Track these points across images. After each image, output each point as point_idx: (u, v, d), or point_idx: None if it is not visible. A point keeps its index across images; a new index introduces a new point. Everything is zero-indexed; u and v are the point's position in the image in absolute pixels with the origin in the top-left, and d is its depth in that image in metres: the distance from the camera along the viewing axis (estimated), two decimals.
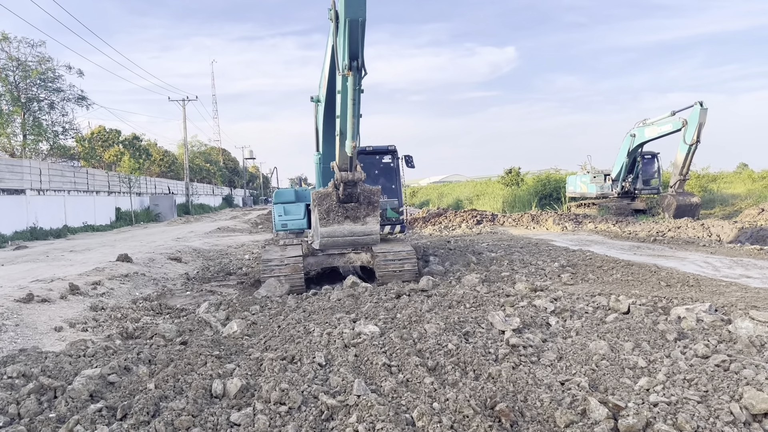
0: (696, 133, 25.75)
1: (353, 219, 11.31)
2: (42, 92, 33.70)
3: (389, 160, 15.34)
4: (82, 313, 10.51)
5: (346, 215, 11.29)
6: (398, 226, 14.78)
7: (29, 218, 28.11)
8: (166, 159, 61.99)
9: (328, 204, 11.30)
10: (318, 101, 14.16)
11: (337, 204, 11.29)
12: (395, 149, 15.30)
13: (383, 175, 15.36)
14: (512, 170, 46.92)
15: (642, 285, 10.87)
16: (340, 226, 11.28)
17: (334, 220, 11.25)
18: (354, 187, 11.01)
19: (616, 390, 4.98)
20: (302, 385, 5.27)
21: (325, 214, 11.26)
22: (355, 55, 9.44)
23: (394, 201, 14.86)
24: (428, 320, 7.63)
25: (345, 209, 11.30)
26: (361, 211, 11.34)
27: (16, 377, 5.55)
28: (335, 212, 11.30)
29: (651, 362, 5.74)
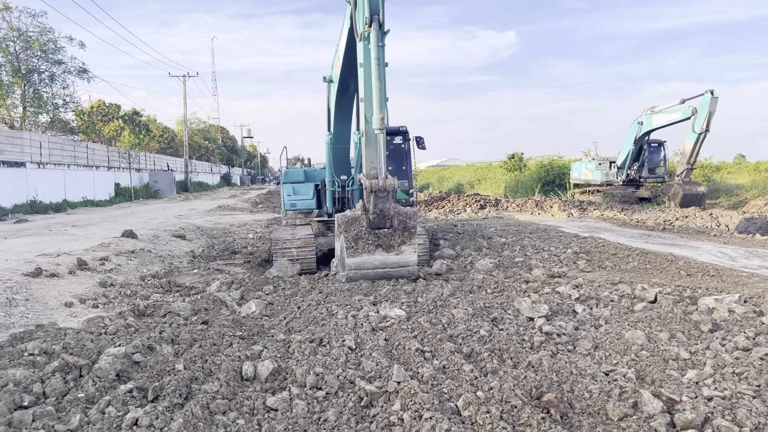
0: (706, 121, 25.55)
1: (386, 248, 9.69)
2: (43, 64, 33.20)
3: (400, 141, 15.00)
4: (92, 289, 10.30)
5: (378, 243, 9.67)
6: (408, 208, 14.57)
7: (29, 191, 27.77)
8: (165, 135, 61.46)
9: (357, 230, 9.61)
10: (331, 81, 13.86)
11: (367, 230, 9.62)
12: (407, 130, 14.98)
13: (394, 156, 15.05)
14: (515, 155, 46.66)
15: (661, 274, 10.71)
16: (371, 257, 9.65)
17: (363, 249, 9.61)
18: (386, 200, 9.52)
19: (664, 382, 4.81)
20: (336, 370, 5.09)
21: (353, 243, 9.59)
22: (376, 8, 9.05)
23: (404, 183, 14.59)
24: (455, 305, 7.45)
25: (377, 236, 9.65)
26: (395, 239, 9.71)
27: (37, 354, 5.35)
28: (365, 240, 9.62)
29: (693, 354, 5.58)
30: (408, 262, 9.76)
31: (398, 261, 9.74)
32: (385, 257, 9.70)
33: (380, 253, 9.69)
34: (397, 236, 9.73)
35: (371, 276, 9.82)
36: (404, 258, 9.73)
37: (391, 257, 9.72)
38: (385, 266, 9.75)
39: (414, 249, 9.75)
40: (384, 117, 9.25)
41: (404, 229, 9.75)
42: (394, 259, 9.72)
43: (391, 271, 9.84)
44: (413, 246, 9.76)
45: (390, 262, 9.73)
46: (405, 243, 9.74)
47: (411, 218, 9.82)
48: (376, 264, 9.70)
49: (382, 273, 9.82)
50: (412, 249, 9.74)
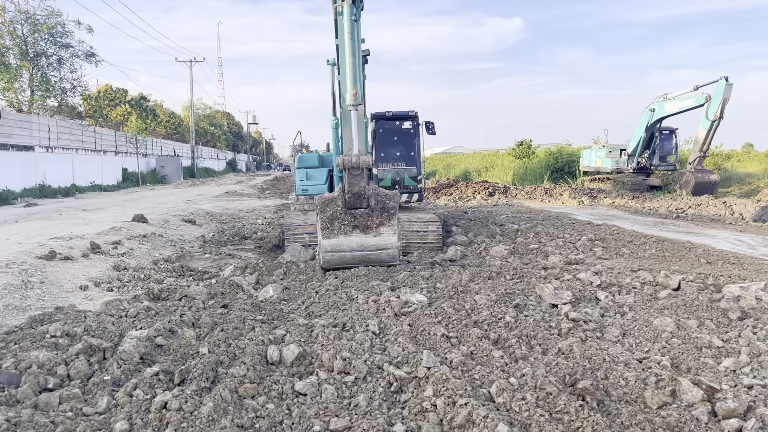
0: (720, 109, 25.24)
1: (363, 229, 9.22)
2: (50, 47, 33.04)
3: (409, 126, 14.68)
4: (106, 273, 10.25)
5: (355, 224, 9.23)
6: (416, 194, 14.30)
7: (38, 175, 27.75)
8: (172, 121, 61.31)
9: (333, 210, 9.23)
10: (334, 64, 13.71)
11: (343, 211, 9.23)
12: (416, 115, 14.54)
13: (402, 141, 14.76)
14: (523, 142, 46.34)
15: (681, 261, 10.58)
16: (347, 238, 9.18)
17: (339, 230, 9.22)
18: (361, 178, 9.08)
19: (700, 370, 4.71)
20: (363, 355, 5.00)
21: (328, 223, 9.21)
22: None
23: (412, 169, 14.27)
24: (476, 291, 7.35)
25: (353, 217, 9.23)
26: (373, 219, 9.24)
27: (59, 336, 5.27)
28: (341, 221, 9.23)
29: (726, 342, 5.46)
30: (387, 245, 9.21)
31: (377, 243, 9.20)
32: (362, 239, 9.20)
33: (357, 234, 9.21)
34: (375, 217, 9.26)
35: (348, 260, 9.29)
36: (383, 240, 9.19)
37: (369, 239, 9.20)
38: (362, 248, 9.21)
39: (393, 231, 9.25)
40: (357, 93, 8.91)
41: (383, 209, 9.27)
42: (372, 241, 9.20)
43: (370, 254, 9.27)
44: (393, 227, 9.26)
45: (368, 245, 9.20)
46: (384, 224, 9.25)
47: (390, 199, 9.34)
48: (353, 246, 9.19)
49: (360, 257, 9.27)
50: (392, 231, 9.24)
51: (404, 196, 14.12)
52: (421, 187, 14.31)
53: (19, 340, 5.28)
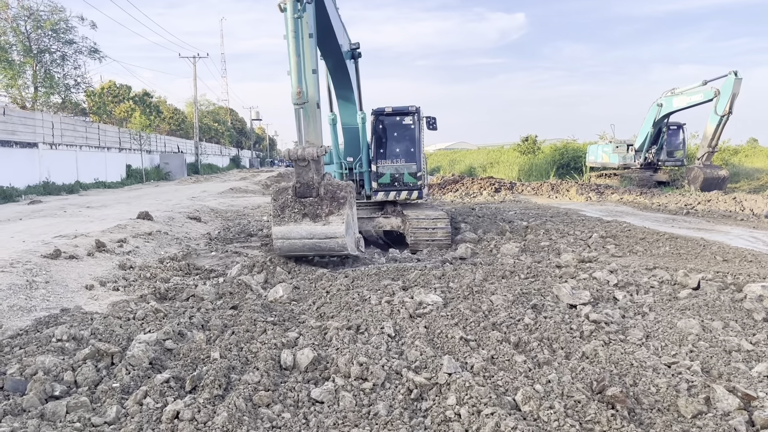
0: (729, 103, 24.95)
1: (312, 217, 9.30)
2: (54, 44, 32.83)
3: (410, 121, 14.09)
4: (111, 272, 10.10)
5: (305, 212, 9.35)
6: (415, 191, 13.85)
7: (42, 172, 27.60)
8: (176, 117, 61.15)
9: (284, 199, 9.43)
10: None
11: (293, 199, 9.40)
12: (417, 110, 14.07)
13: (403, 137, 14.37)
14: (529, 138, 46.07)
15: (696, 259, 10.38)
16: (297, 226, 9.30)
17: (290, 218, 9.34)
18: (308, 169, 9.24)
19: (732, 376, 4.52)
20: (380, 359, 4.82)
21: (279, 211, 9.41)
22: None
23: (412, 165, 13.84)
24: (492, 291, 7.16)
25: (303, 205, 9.37)
26: (323, 208, 9.32)
27: (66, 340, 5.10)
28: (291, 208, 9.39)
29: (755, 345, 5.27)
30: (335, 233, 9.24)
31: (325, 232, 9.26)
32: (311, 227, 9.29)
33: (307, 222, 9.31)
34: (324, 206, 9.34)
35: (299, 247, 9.44)
36: (331, 229, 9.23)
37: (318, 227, 9.27)
38: (312, 236, 9.33)
39: (342, 220, 9.24)
40: (302, 91, 8.85)
41: (332, 198, 9.36)
42: (320, 230, 9.27)
43: (319, 243, 9.39)
44: (342, 216, 9.27)
45: (317, 233, 9.29)
46: (333, 213, 9.31)
47: (342, 189, 9.43)
48: (303, 234, 9.32)
49: (310, 244, 9.40)
50: (341, 220, 9.25)
51: (403, 193, 13.79)
52: (422, 184, 13.87)
53: (25, 344, 5.11)
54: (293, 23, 8.62)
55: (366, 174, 13.71)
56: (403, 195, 13.82)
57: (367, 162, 13.65)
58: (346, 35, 12.28)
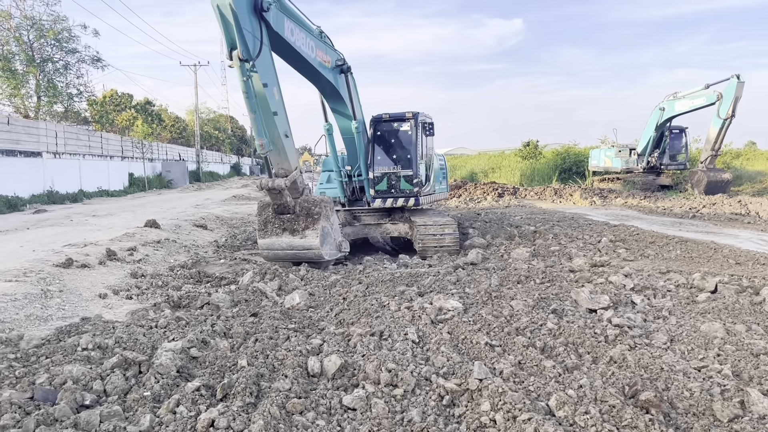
0: (732, 107, 25.05)
1: (291, 231, 10.32)
2: (57, 53, 32.87)
3: (407, 127, 13.90)
4: (124, 280, 10.10)
5: (284, 227, 10.34)
6: (412, 198, 13.57)
7: (46, 181, 27.59)
8: (177, 125, 61.19)
9: (266, 215, 10.42)
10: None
11: (273, 215, 10.37)
12: (414, 116, 13.84)
13: (400, 143, 14.19)
14: (530, 143, 46.12)
15: (709, 263, 10.37)
16: (278, 239, 10.33)
17: (272, 232, 10.35)
18: (280, 196, 10.08)
19: (763, 379, 4.50)
20: (408, 366, 4.80)
21: (263, 225, 10.45)
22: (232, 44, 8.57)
23: (408, 172, 13.59)
24: (511, 297, 7.15)
25: (282, 221, 10.35)
26: (299, 224, 10.30)
27: (91, 349, 5.09)
28: (272, 224, 10.38)
29: None
30: (311, 246, 10.26)
31: (302, 244, 10.29)
32: (291, 240, 10.30)
33: (287, 236, 10.31)
34: (300, 221, 10.32)
35: (281, 257, 10.58)
36: (307, 241, 10.23)
37: (296, 240, 10.29)
38: (292, 248, 10.37)
39: (317, 234, 10.18)
40: (263, 144, 9.34)
41: (307, 215, 10.32)
42: (298, 242, 10.30)
43: (299, 254, 10.45)
44: (316, 231, 10.20)
45: (295, 245, 10.33)
46: (308, 228, 10.26)
47: (315, 205, 10.35)
48: (284, 246, 10.36)
49: (291, 254, 10.53)
50: (315, 234, 10.20)
51: (400, 200, 13.59)
52: (418, 191, 13.57)
53: (51, 353, 5.10)
54: (243, 85, 8.68)
55: (365, 181, 13.69)
56: (400, 201, 13.63)
57: (365, 169, 13.62)
58: (331, 52, 12.13)
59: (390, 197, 13.69)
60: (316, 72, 11.54)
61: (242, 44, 8.56)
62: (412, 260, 12.08)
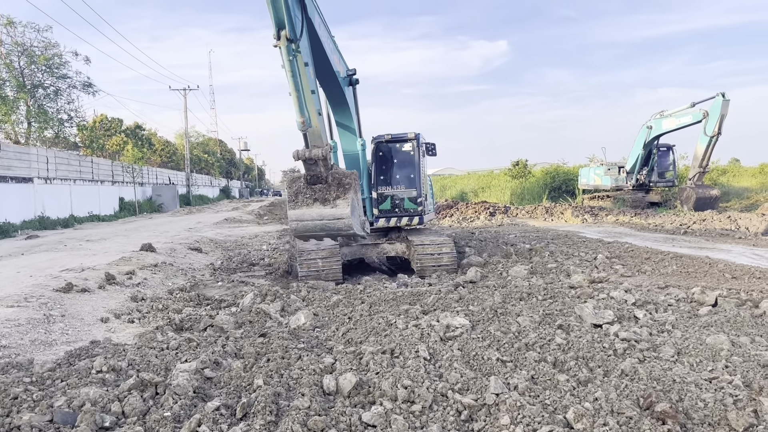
0: (718, 124, 25.45)
1: (322, 201, 10.38)
2: (48, 78, 32.91)
3: (409, 148, 14.22)
4: (124, 304, 10.06)
5: (315, 197, 10.42)
6: (416, 217, 13.87)
7: (37, 207, 27.45)
8: (167, 149, 61.18)
9: (297, 186, 10.55)
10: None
11: (305, 186, 10.50)
12: (416, 137, 14.22)
13: (403, 164, 14.45)
14: (519, 162, 46.54)
15: (706, 277, 10.51)
16: (309, 209, 10.36)
17: (302, 202, 10.39)
18: (315, 165, 10.26)
19: None
20: (424, 382, 4.84)
21: (294, 196, 10.51)
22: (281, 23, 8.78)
23: (412, 191, 13.96)
24: (517, 313, 7.22)
25: (313, 191, 10.43)
26: (330, 193, 10.40)
27: (105, 371, 5.08)
28: (303, 194, 10.46)
29: None
30: (342, 215, 10.25)
31: (333, 213, 10.27)
32: (321, 210, 10.29)
33: (317, 206, 10.30)
34: (332, 191, 10.34)
35: (311, 228, 10.46)
36: (338, 211, 10.23)
37: (327, 210, 10.28)
38: (322, 218, 10.33)
39: (348, 203, 10.23)
40: (304, 120, 9.56)
41: (339, 184, 10.37)
42: (329, 212, 10.28)
43: (329, 223, 10.40)
44: (347, 200, 10.27)
45: (326, 215, 10.30)
46: (339, 197, 10.30)
47: (346, 176, 10.48)
48: (314, 216, 10.30)
49: (321, 225, 10.42)
50: (346, 203, 10.26)
51: (404, 219, 13.85)
52: (422, 210, 13.85)
53: (65, 376, 5.09)
54: (289, 65, 8.97)
55: (367, 201, 13.78)
56: (404, 221, 13.87)
57: (368, 189, 13.74)
58: (343, 62, 12.43)
59: (394, 216, 13.85)
60: (332, 75, 11.75)
61: (290, 24, 8.79)
62: (411, 279, 12.13)
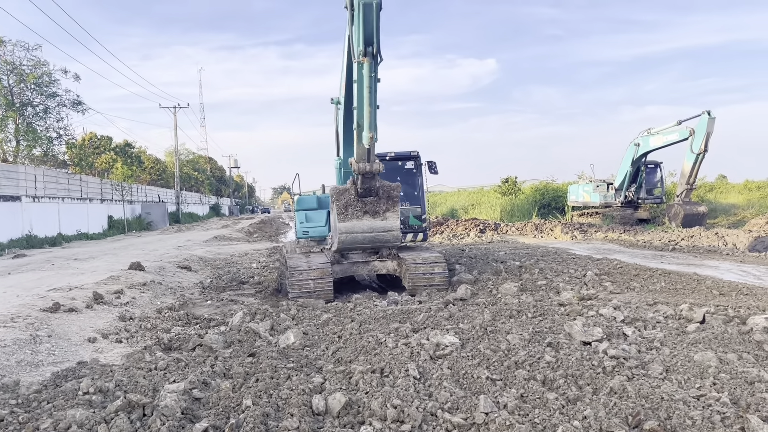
0: (704, 142, 25.77)
1: (372, 214, 10.80)
2: (37, 97, 32.85)
3: (411, 166, 14.63)
4: (112, 324, 9.98)
5: (365, 210, 10.81)
6: (420, 234, 14.26)
7: (24, 226, 27.27)
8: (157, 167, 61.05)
9: (347, 199, 10.82)
10: (338, 103, 13.57)
11: (355, 198, 10.80)
12: (418, 155, 14.64)
13: (405, 181, 14.75)
14: (509, 179, 46.82)
15: (694, 294, 10.58)
16: (359, 222, 10.78)
17: (352, 215, 10.76)
18: (372, 180, 10.58)
19: (760, 406, 4.61)
20: (413, 401, 4.83)
21: (343, 209, 10.78)
22: (370, 40, 9.18)
23: (416, 208, 14.29)
24: (507, 331, 7.23)
25: (363, 204, 10.81)
26: (380, 206, 10.84)
27: (93, 393, 5.04)
28: (354, 207, 10.81)
29: None
30: (392, 227, 10.81)
31: (383, 226, 10.77)
32: (371, 222, 10.74)
33: (367, 218, 10.73)
34: (382, 204, 10.77)
35: (360, 240, 10.90)
36: (389, 223, 10.76)
37: (378, 222, 10.75)
38: (372, 230, 10.78)
39: (397, 216, 10.79)
40: (373, 136, 9.86)
41: (388, 197, 10.77)
42: (380, 224, 10.76)
43: (378, 236, 10.89)
44: (396, 213, 10.83)
45: (376, 227, 10.77)
46: (389, 210, 10.77)
47: (393, 189, 10.90)
48: (364, 228, 10.75)
49: (370, 237, 10.92)
50: (396, 216, 10.81)
51: (408, 235, 14.04)
52: (426, 227, 14.27)
53: (51, 398, 5.04)
54: (369, 80, 9.36)
55: None
56: (409, 237, 14.14)
57: None
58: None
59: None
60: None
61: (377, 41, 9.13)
62: (401, 297, 12.11)
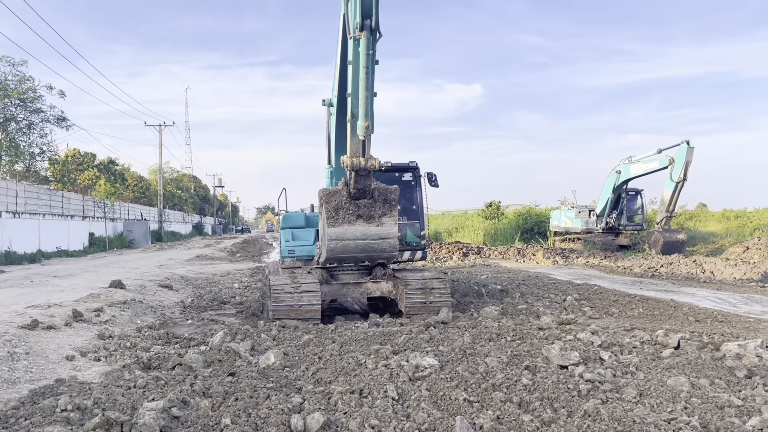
0: (683, 171, 26.29)
1: (367, 219, 9.49)
2: (21, 112, 32.70)
3: (410, 178, 13.33)
4: (91, 342, 9.92)
5: (359, 214, 9.50)
6: (419, 252, 12.90)
7: (3, 242, 26.97)
8: (140, 185, 60.75)
9: (338, 201, 9.52)
10: (330, 105, 12.73)
11: (348, 201, 9.50)
12: (417, 166, 13.41)
13: (403, 195, 12.81)
14: (492, 204, 47.21)
15: (671, 320, 10.76)
16: (352, 227, 9.44)
17: (344, 219, 9.44)
18: (367, 178, 9.35)
19: (729, 430, 4.73)
20: (391, 422, 4.89)
21: (333, 213, 9.46)
22: (368, 12, 8.38)
23: (415, 224, 12.96)
24: (486, 354, 7.31)
25: (357, 207, 9.52)
26: (376, 210, 9.56)
27: (70, 410, 5.03)
28: (346, 210, 9.52)
29: (744, 400, 5.52)
30: (389, 234, 9.49)
31: (379, 232, 9.47)
32: (365, 228, 9.47)
33: (361, 223, 9.47)
34: (377, 207, 9.54)
35: (352, 248, 9.55)
36: (385, 230, 9.47)
37: (372, 228, 9.48)
38: (365, 237, 9.49)
39: (395, 221, 9.52)
40: (369, 125, 9.04)
41: (385, 201, 9.58)
42: (374, 231, 9.48)
43: (372, 243, 9.57)
44: (394, 218, 9.55)
45: (371, 234, 9.49)
46: (386, 215, 9.54)
47: (392, 192, 9.71)
48: (357, 235, 9.46)
49: (364, 245, 9.59)
50: (393, 221, 9.52)
51: (406, 254, 12.79)
52: (425, 244, 13.01)
53: (29, 415, 5.02)
54: (366, 59, 8.50)
55: None
56: (406, 255, 12.88)
57: None
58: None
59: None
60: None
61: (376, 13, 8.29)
62: (383, 319, 12.08)
